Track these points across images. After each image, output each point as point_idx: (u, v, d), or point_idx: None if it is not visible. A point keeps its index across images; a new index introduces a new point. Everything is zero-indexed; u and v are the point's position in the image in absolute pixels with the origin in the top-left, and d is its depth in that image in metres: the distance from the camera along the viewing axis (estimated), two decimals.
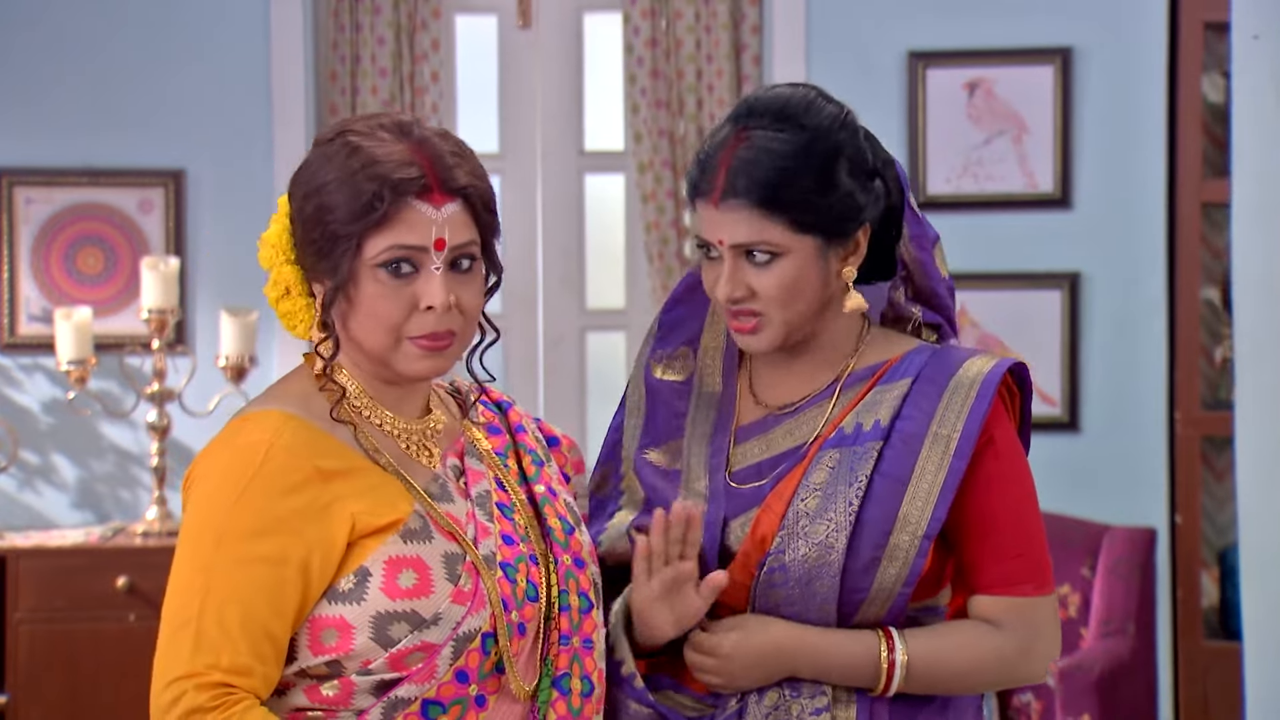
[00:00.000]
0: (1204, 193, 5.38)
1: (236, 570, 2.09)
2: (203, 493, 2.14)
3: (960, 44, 5.46)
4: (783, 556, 2.29)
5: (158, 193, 5.46)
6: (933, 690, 2.33)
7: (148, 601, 4.96)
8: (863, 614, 2.30)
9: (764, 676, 2.32)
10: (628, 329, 5.74)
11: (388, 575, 2.13)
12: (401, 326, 2.18)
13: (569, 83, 5.71)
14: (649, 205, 5.49)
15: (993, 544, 2.32)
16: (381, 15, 5.50)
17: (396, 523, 2.16)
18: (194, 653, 2.06)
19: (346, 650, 2.13)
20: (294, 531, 2.11)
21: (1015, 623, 2.32)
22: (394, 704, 2.13)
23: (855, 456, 2.29)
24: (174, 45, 5.47)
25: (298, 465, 2.13)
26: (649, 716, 2.37)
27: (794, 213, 2.27)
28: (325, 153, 2.19)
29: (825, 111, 2.31)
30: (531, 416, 2.44)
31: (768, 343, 2.34)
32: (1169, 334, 5.43)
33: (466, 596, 2.15)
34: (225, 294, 5.42)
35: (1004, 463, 2.32)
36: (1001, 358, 2.34)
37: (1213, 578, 5.52)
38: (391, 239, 2.16)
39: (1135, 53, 5.44)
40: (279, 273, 2.23)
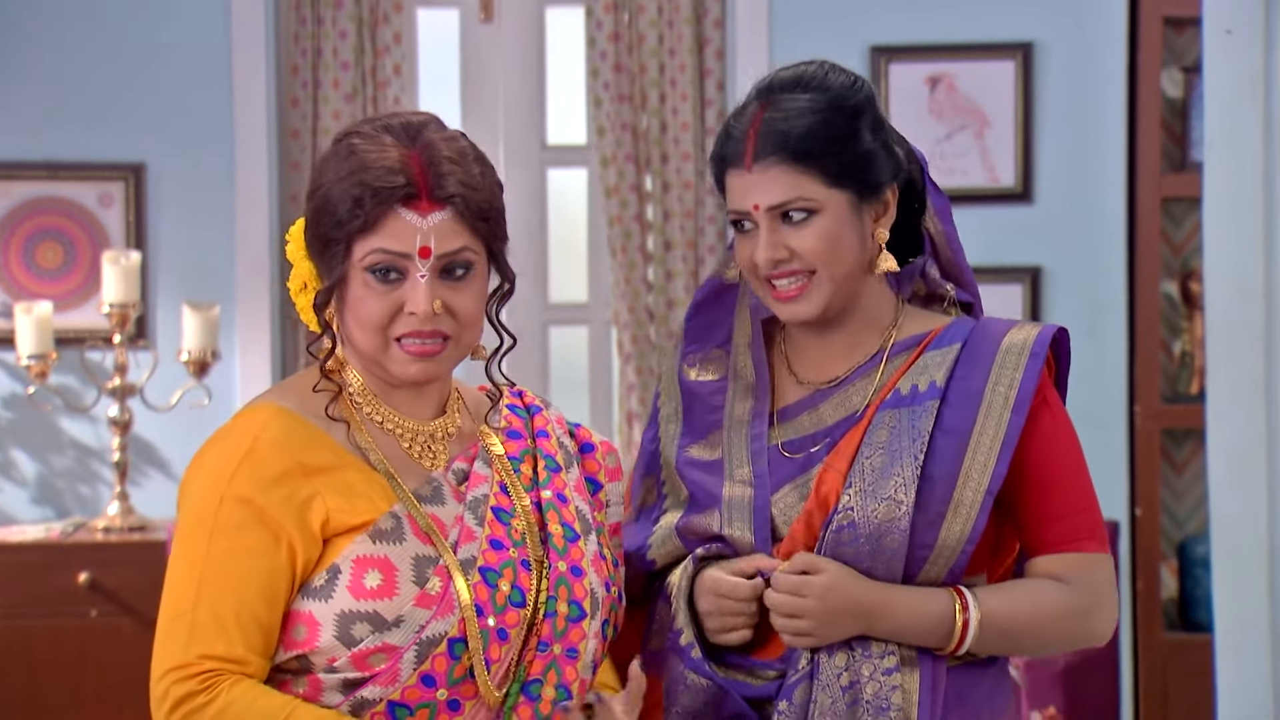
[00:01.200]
0: (1163, 187, 5.42)
1: (229, 562, 2.12)
2: (194, 486, 2.18)
3: (922, 39, 5.48)
4: (852, 513, 2.31)
5: (118, 186, 5.43)
6: (1003, 648, 2.37)
7: (110, 598, 4.94)
8: (925, 573, 2.32)
9: (846, 628, 2.33)
10: (590, 323, 5.74)
11: (355, 574, 2.15)
12: (388, 328, 2.20)
13: (531, 76, 5.70)
14: (612, 199, 5.49)
15: (1054, 501, 2.36)
16: (343, 9, 5.48)
17: (369, 522, 2.17)
18: (187, 644, 2.10)
19: (312, 646, 2.15)
20: (278, 523, 2.14)
21: (1081, 578, 2.36)
22: (360, 704, 2.14)
23: (915, 415, 2.33)
24: (134, 38, 5.43)
25: (280, 459, 2.15)
26: (707, 688, 2.38)
27: (826, 163, 2.34)
28: (332, 152, 2.23)
29: (841, 78, 2.40)
30: (566, 422, 2.44)
31: (814, 306, 2.38)
32: (1129, 328, 5.46)
33: (433, 600, 2.15)
34: (187, 288, 5.39)
35: (1057, 421, 2.38)
36: (1047, 324, 2.41)
37: (1172, 570, 5.55)
38: (375, 244, 2.18)
39: (1095, 48, 5.46)
40: (299, 267, 2.27)
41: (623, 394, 5.53)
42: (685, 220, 5.51)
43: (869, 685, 2.31)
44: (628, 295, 5.48)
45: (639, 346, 5.49)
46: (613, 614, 2.35)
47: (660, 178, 5.52)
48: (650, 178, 5.53)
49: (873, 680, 2.31)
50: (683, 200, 5.50)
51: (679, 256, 5.50)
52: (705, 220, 5.52)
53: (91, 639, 4.91)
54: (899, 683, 2.30)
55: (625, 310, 5.49)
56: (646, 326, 5.52)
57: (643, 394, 5.48)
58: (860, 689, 2.30)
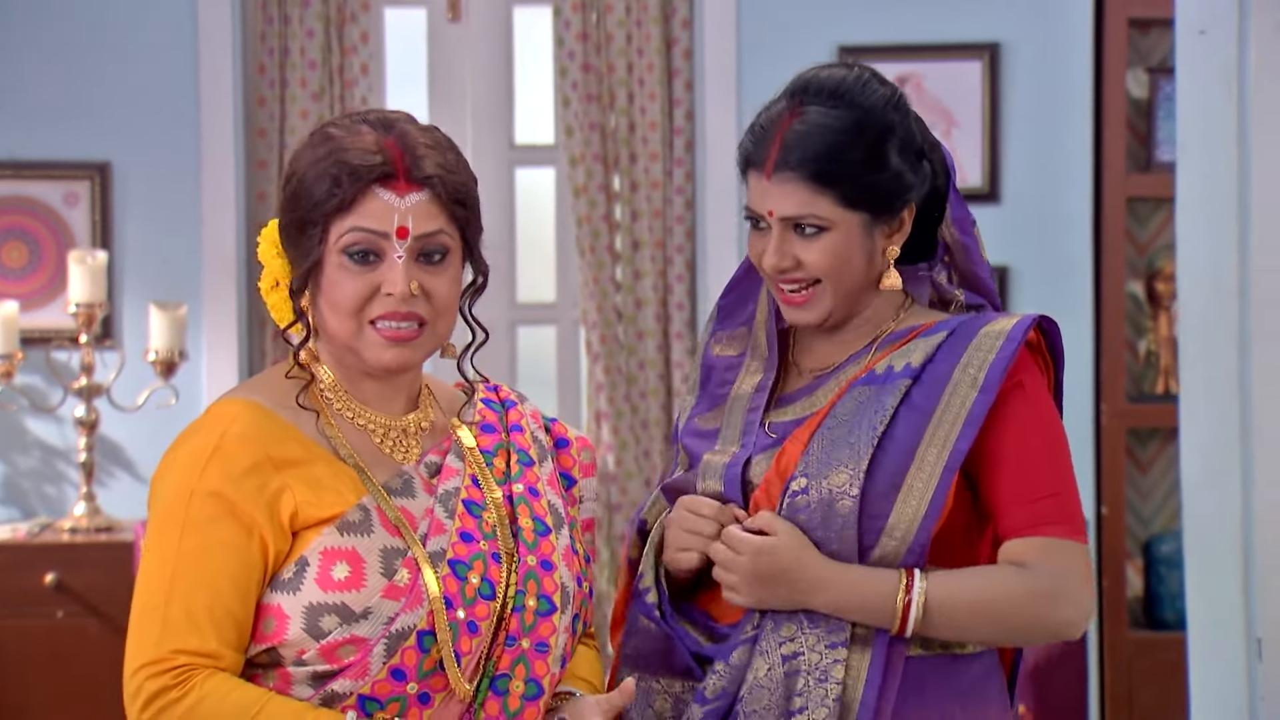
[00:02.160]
0: (1128, 187, 5.45)
1: (201, 556, 2.12)
2: (165, 482, 2.18)
3: (890, 39, 5.49)
4: (805, 480, 2.32)
5: (83, 186, 5.40)
6: (957, 634, 2.31)
7: (76, 598, 4.91)
8: (882, 547, 2.30)
9: (777, 596, 2.32)
10: (558, 323, 5.74)
11: (323, 566, 2.15)
12: (363, 310, 2.20)
13: (499, 76, 5.70)
14: (580, 199, 5.49)
15: (1020, 484, 2.32)
16: (310, 8, 5.47)
17: (337, 515, 2.17)
18: (160, 640, 2.10)
19: (281, 639, 2.15)
20: (249, 516, 2.14)
21: (1043, 563, 2.29)
22: (330, 697, 2.15)
23: (883, 392, 2.33)
24: (100, 37, 5.40)
25: (249, 451, 2.16)
26: (657, 634, 2.39)
27: (844, 188, 2.34)
28: (308, 143, 2.24)
29: (878, 92, 2.38)
30: (541, 416, 2.44)
31: (817, 314, 2.40)
32: (1095, 328, 5.49)
33: (401, 592, 2.15)
34: (153, 288, 5.37)
35: (1032, 406, 2.34)
36: (1031, 313, 2.40)
37: (1137, 569, 5.58)
38: (352, 223, 2.19)
39: (1061, 49, 5.49)
40: (271, 265, 2.28)
41: (591, 393, 5.53)
42: (653, 220, 5.51)
43: (811, 656, 2.29)
44: (596, 295, 5.48)
45: (607, 346, 5.49)
46: (584, 609, 2.35)
47: (628, 177, 5.52)
48: (618, 177, 5.53)
49: (815, 652, 2.30)
50: (651, 200, 5.51)
51: (647, 256, 5.50)
52: (674, 220, 5.52)
53: (58, 640, 4.89)
54: (843, 657, 2.28)
55: (593, 310, 5.48)
56: (615, 326, 5.52)
57: (611, 393, 5.48)
58: (802, 659, 2.29)
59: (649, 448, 5.51)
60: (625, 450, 5.49)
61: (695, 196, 5.54)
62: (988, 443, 2.33)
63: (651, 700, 2.42)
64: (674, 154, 5.52)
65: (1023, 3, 5.49)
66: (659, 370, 5.52)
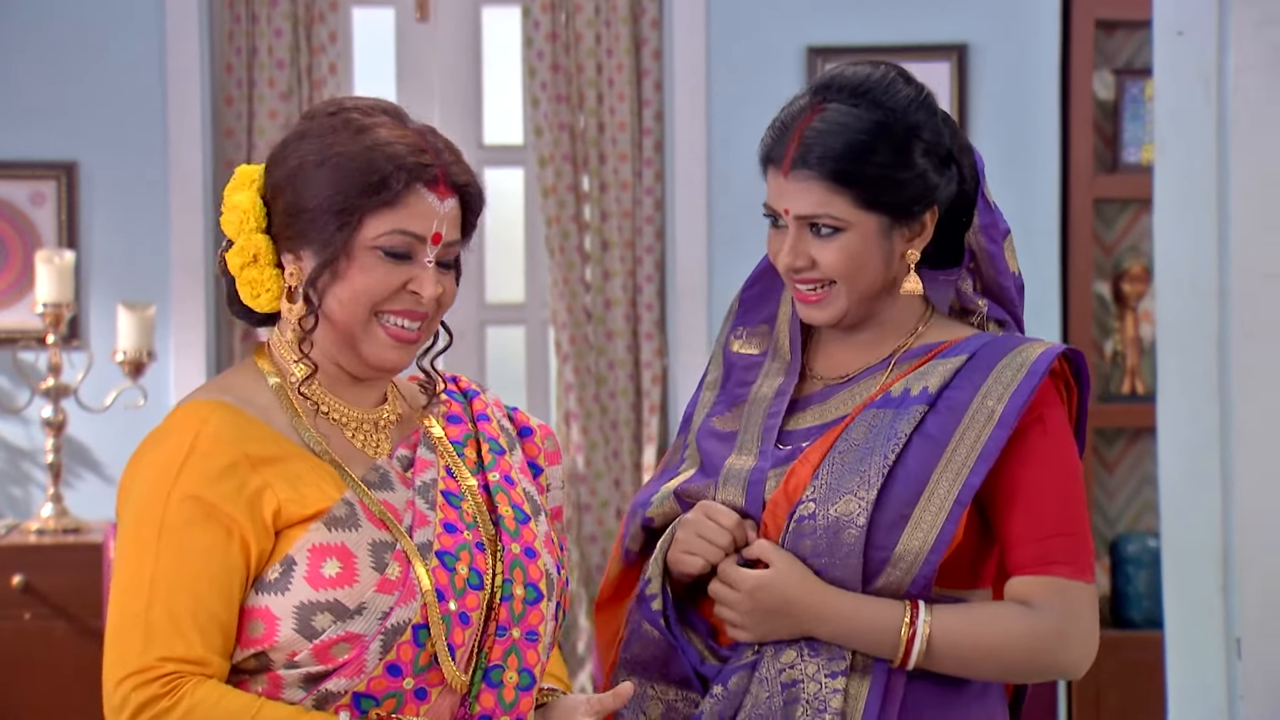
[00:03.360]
0: (1095, 188, 5.47)
1: (181, 561, 2.07)
2: (137, 487, 2.12)
3: (858, 40, 5.50)
4: (812, 505, 2.28)
5: (50, 185, 5.37)
6: (960, 670, 2.28)
7: (44, 600, 4.88)
8: (887, 576, 2.26)
9: (779, 628, 2.29)
10: (527, 323, 5.73)
11: (311, 564, 2.11)
12: (383, 303, 2.16)
13: (468, 76, 5.69)
14: (549, 199, 5.48)
15: (1031, 521, 2.27)
16: (278, 7, 5.45)
17: (322, 511, 2.13)
18: (144, 648, 2.05)
19: (272, 642, 2.10)
20: (229, 517, 2.09)
21: (1049, 603, 2.26)
22: (324, 697, 2.10)
23: (897, 417, 2.29)
24: (67, 36, 5.37)
25: (224, 451, 2.11)
26: (658, 641, 2.37)
27: (861, 189, 2.29)
28: (328, 125, 2.18)
29: (903, 92, 2.33)
30: (503, 406, 2.41)
31: (831, 315, 2.35)
32: (1061, 328, 5.51)
33: (394, 585, 2.12)
34: (120, 288, 5.34)
35: (1050, 441, 2.30)
36: (1058, 343, 2.34)
37: (1104, 568, 5.61)
38: (395, 223, 2.15)
39: (1028, 50, 5.51)
40: (248, 240, 2.19)
41: (560, 394, 5.52)
42: (623, 220, 5.51)
43: (810, 685, 2.27)
44: (565, 295, 5.48)
45: (577, 346, 5.48)
46: (563, 597, 2.33)
47: (598, 178, 5.52)
48: (588, 178, 5.53)
49: (814, 681, 2.27)
50: (620, 200, 5.50)
51: (616, 256, 5.50)
52: (643, 220, 5.52)
53: (25, 642, 4.85)
54: (842, 687, 2.26)
55: (563, 310, 5.48)
56: (584, 326, 5.51)
57: (580, 394, 5.47)
58: (802, 688, 2.27)
59: (618, 448, 5.51)
60: (595, 451, 5.49)
61: (664, 197, 5.54)
62: (1002, 476, 2.29)
63: (645, 705, 2.39)
64: (643, 154, 5.52)
65: (990, 4, 5.51)
66: (628, 370, 5.52)
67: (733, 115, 5.49)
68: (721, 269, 5.46)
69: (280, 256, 2.20)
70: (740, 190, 5.38)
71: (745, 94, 5.47)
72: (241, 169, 2.23)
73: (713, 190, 5.46)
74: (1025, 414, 2.28)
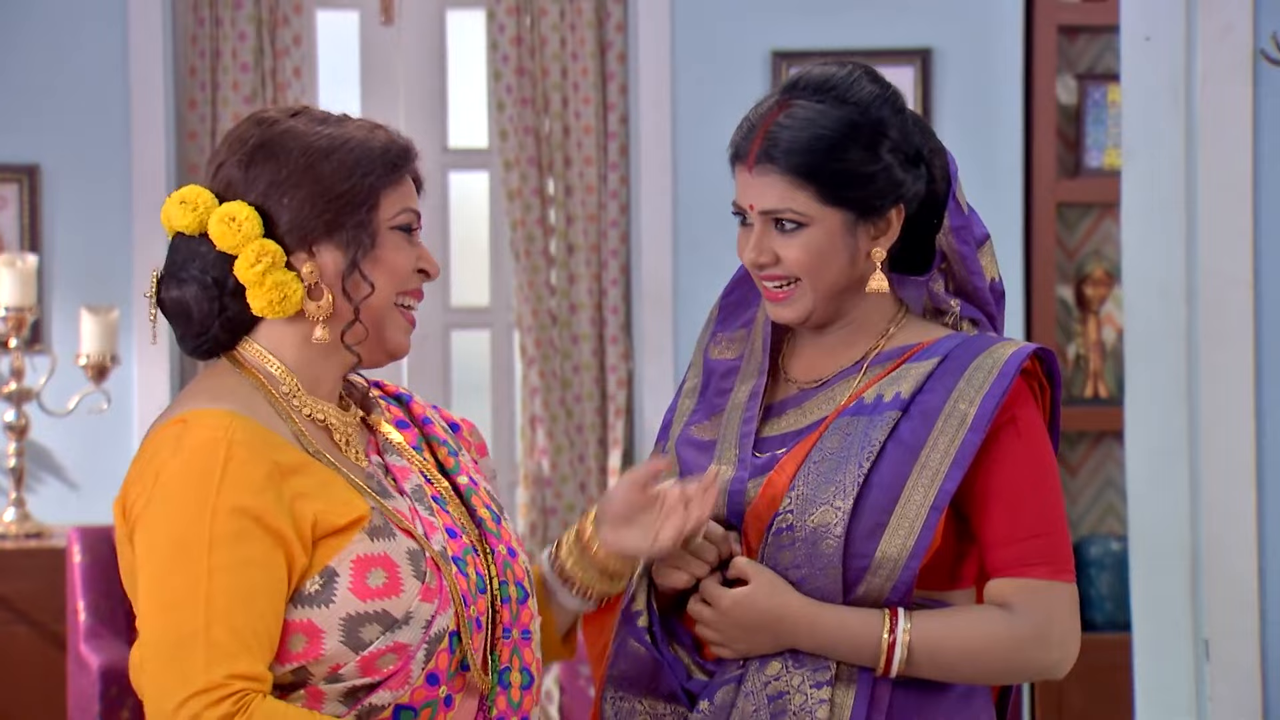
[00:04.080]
0: (1058, 193, 5.50)
1: (237, 575, 2.01)
2: (170, 501, 2.05)
3: (822, 44, 5.51)
4: (790, 517, 2.27)
5: (11, 189, 5.35)
6: (941, 675, 2.27)
7: (5, 605, 4.86)
8: (867, 584, 2.26)
9: (761, 643, 2.29)
10: (492, 326, 5.73)
11: (356, 575, 2.06)
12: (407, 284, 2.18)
13: (432, 79, 5.69)
14: (515, 203, 5.48)
15: (1008, 523, 2.27)
16: (242, 10, 5.43)
17: (359, 521, 2.09)
18: (209, 665, 1.98)
19: (316, 655, 2.05)
20: (274, 528, 2.04)
21: (1028, 605, 2.25)
22: (367, 711, 2.07)
23: (871, 424, 2.28)
24: (29, 38, 5.35)
25: (259, 461, 2.05)
26: (645, 658, 2.35)
27: (823, 183, 2.29)
28: (308, 120, 2.16)
29: (867, 89, 2.32)
30: (430, 405, 2.38)
31: (797, 313, 2.34)
32: (1025, 332, 5.53)
33: (433, 593, 2.09)
34: (83, 292, 5.32)
35: (1024, 443, 2.28)
36: (1029, 343, 2.33)
37: None
38: (401, 201, 2.16)
39: (992, 55, 5.53)
40: (261, 245, 2.13)
41: (525, 397, 5.52)
42: (588, 224, 5.51)
43: (796, 696, 2.26)
44: (531, 299, 5.48)
45: (542, 350, 5.48)
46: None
47: (563, 181, 5.52)
48: (553, 181, 5.53)
49: (800, 692, 2.26)
50: (585, 204, 5.51)
51: (582, 260, 5.50)
52: (608, 224, 5.52)
53: None
54: (827, 696, 2.25)
55: (528, 314, 5.48)
56: (549, 330, 5.51)
57: (545, 397, 5.47)
58: (788, 700, 2.27)
59: (584, 452, 5.51)
60: (560, 454, 5.49)
61: (630, 200, 5.55)
62: (977, 479, 2.28)
63: None
64: (608, 158, 5.53)
65: (954, 9, 5.53)
66: (594, 374, 5.52)
67: (698, 119, 5.49)
68: (687, 273, 5.47)
69: (290, 259, 2.14)
70: (706, 194, 5.39)
71: (710, 98, 5.48)
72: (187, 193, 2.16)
73: (678, 194, 5.47)
74: (998, 416, 2.27)
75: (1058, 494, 2.32)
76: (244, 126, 2.19)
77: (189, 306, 2.17)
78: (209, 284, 2.15)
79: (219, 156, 2.18)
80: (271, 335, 2.18)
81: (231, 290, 2.15)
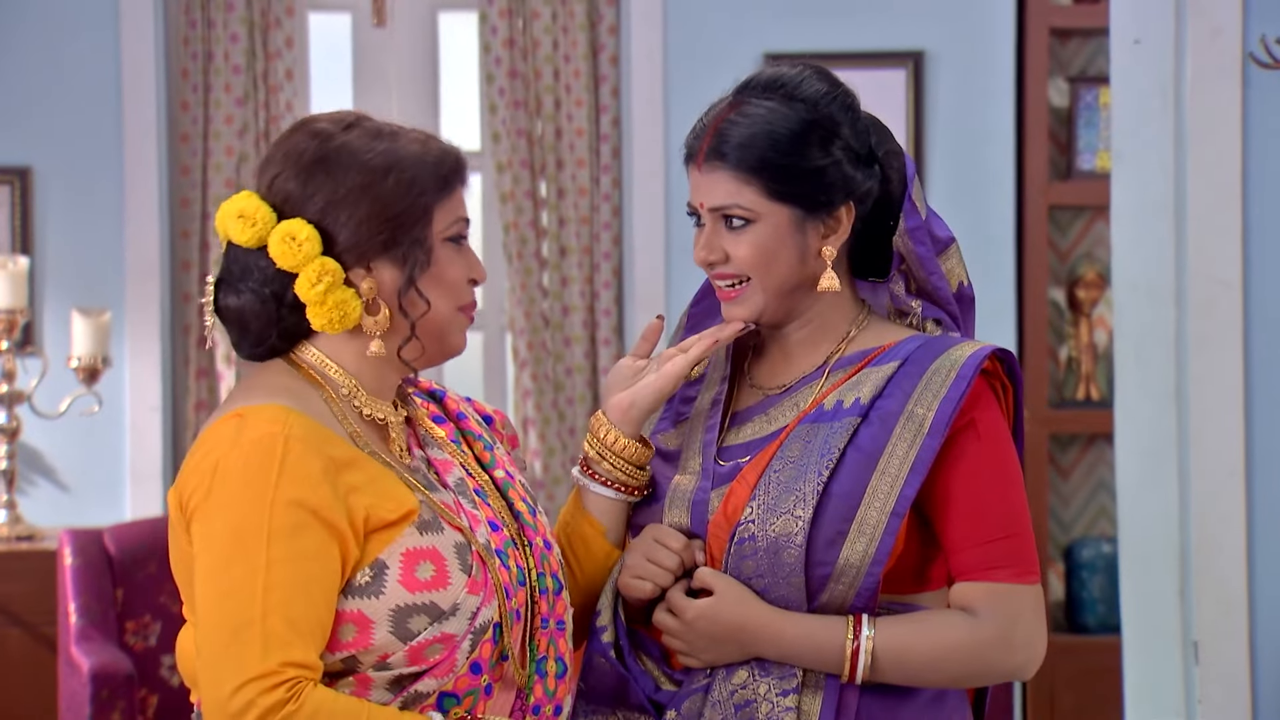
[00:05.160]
0: (1050, 195, 5.50)
1: (295, 567, 2.08)
2: (226, 493, 2.11)
3: (814, 46, 5.51)
4: (752, 526, 2.27)
5: (3, 191, 5.35)
6: (907, 680, 2.28)
7: None
8: (830, 591, 2.26)
9: (727, 653, 2.30)
10: (485, 329, 5.73)
11: (405, 567, 2.13)
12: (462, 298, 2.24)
13: (425, 82, 5.69)
14: (507, 205, 5.48)
15: (969, 527, 2.27)
16: (234, 12, 5.43)
17: (409, 515, 2.15)
18: (264, 653, 2.05)
19: (365, 645, 2.12)
20: (330, 521, 2.10)
21: (992, 609, 2.25)
22: (413, 698, 2.14)
23: (831, 431, 2.28)
24: (20, 39, 5.35)
25: (315, 455, 2.12)
26: (611, 673, 2.36)
27: (769, 178, 2.30)
28: (364, 135, 2.20)
29: (816, 87, 2.34)
30: (464, 398, 2.43)
31: (748, 312, 2.35)
32: (1017, 334, 5.53)
33: (479, 586, 2.16)
34: (76, 294, 5.32)
35: (984, 445, 2.29)
36: (988, 344, 2.33)
37: (1058, 574, 5.64)
38: (453, 211, 2.22)
39: (984, 57, 5.53)
40: (321, 264, 2.18)
41: (518, 400, 5.53)
42: (581, 226, 5.51)
43: (763, 704, 2.27)
44: (524, 301, 5.48)
45: (535, 352, 5.49)
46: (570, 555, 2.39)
47: (556, 184, 5.52)
48: (545, 184, 5.53)
49: (767, 700, 2.27)
50: (578, 206, 5.51)
51: (575, 263, 5.51)
52: (601, 226, 5.52)
53: None
54: (794, 704, 2.26)
55: (521, 316, 5.48)
56: (542, 332, 5.52)
57: (538, 400, 5.47)
58: (755, 708, 2.27)
59: (576, 454, 5.50)
60: (553, 457, 5.49)
61: (622, 203, 5.55)
62: (938, 483, 2.28)
63: None
64: (601, 160, 5.53)
65: (946, 12, 5.53)
66: (586, 376, 5.53)
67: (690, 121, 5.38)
68: (679, 275, 5.47)
69: (349, 275, 2.20)
70: None
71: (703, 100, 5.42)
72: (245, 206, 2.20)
73: (670, 196, 5.47)
74: (956, 419, 2.27)
75: (1020, 496, 2.31)
76: (298, 138, 2.23)
77: (246, 317, 2.24)
78: (267, 297, 2.22)
79: (273, 167, 2.23)
80: (332, 343, 2.24)
81: (290, 304, 2.21)
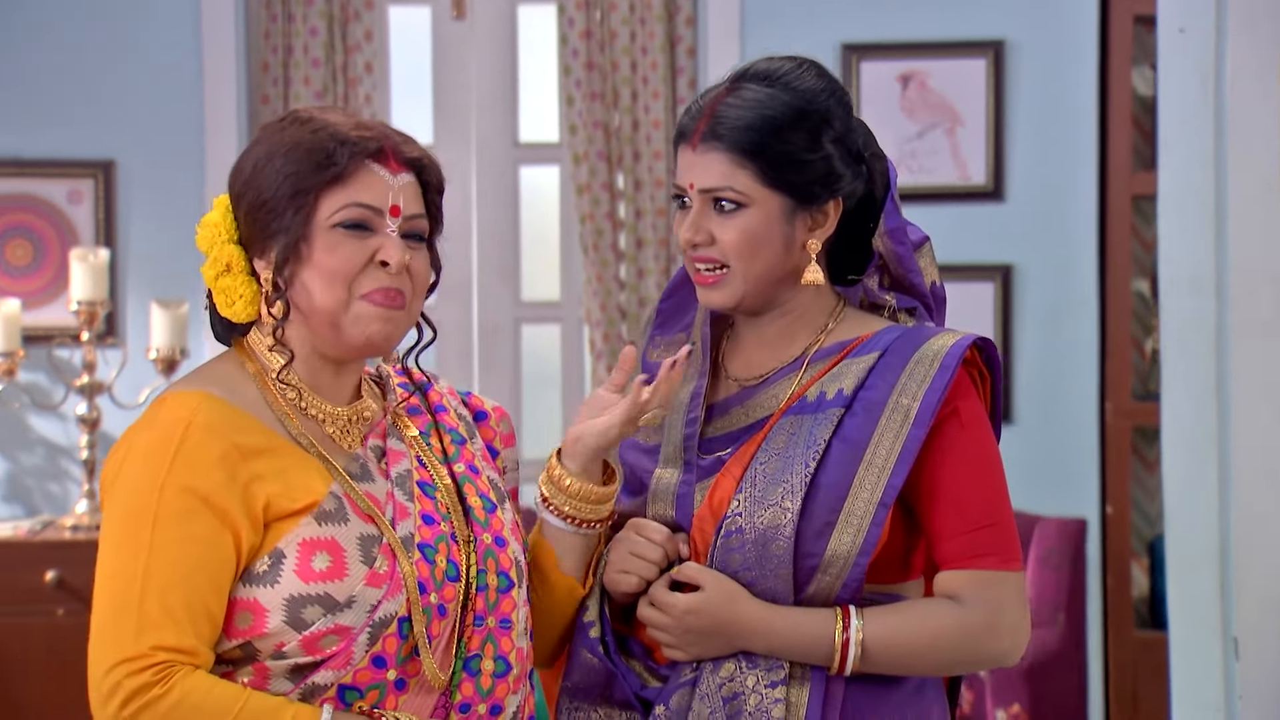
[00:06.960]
0: (1134, 185, 5.43)
1: (176, 552, 2.09)
2: (126, 477, 2.14)
3: (894, 36, 5.48)
4: (739, 519, 2.28)
5: (87, 184, 5.42)
6: (895, 670, 2.30)
7: (77, 596, 4.92)
8: (817, 582, 2.27)
9: (715, 647, 2.30)
10: (562, 321, 5.74)
11: (301, 558, 2.13)
12: (355, 281, 2.19)
13: (503, 74, 5.70)
14: (584, 197, 5.49)
15: (954, 516, 2.29)
16: (314, 6, 5.48)
17: (311, 505, 2.16)
18: (137, 636, 2.06)
19: (260, 633, 2.13)
20: (222, 508, 2.12)
21: (977, 597, 2.28)
22: (311, 690, 2.13)
23: (816, 423, 2.28)
24: (105, 35, 5.42)
25: (216, 442, 2.13)
26: (599, 669, 2.36)
27: (766, 164, 2.30)
28: (276, 127, 2.22)
29: (814, 81, 2.35)
30: (458, 392, 2.43)
31: (727, 298, 2.34)
32: (1100, 326, 5.47)
33: (382, 579, 2.15)
34: (156, 286, 5.39)
35: (968, 434, 2.30)
36: (969, 333, 2.33)
37: (1143, 568, 5.56)
38: (348, 197, 2.18)
39: (1067, 46, 5.47)
40: (220, 250, 2.22)
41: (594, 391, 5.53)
42: (657, 218, 5.51)
43: (751, 697, 2.27)
44: (600, 293, 5.48)
45: (611, 344, 5.49)
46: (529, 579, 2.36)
47: (632, 175, 5.52)
48: (622, 175, 5.53)
49: (755, 692, 2.27)
50: (654, 198, 5.51)
51: (651, 254, 5.50)
52: None
53: (58, 637, 4.90)
54: (782, 696, 2.26)
55: (597, 308, 5.48)
56: (618, 324, 5.52)
57: None
58: (744, 700, 2.28)
59: None
60: None
61: None
62: (923, 473, 2.29)
63: None
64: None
65: (1028, 0, 5.47)
66: None
67: None
68: None
69: (252, 263, 2.23)
70: None
71: None
72: (221, 198, 2.26)
73: None
74: (941, 409, 2.28)
75: (1002, 483, 2.33)
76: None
77: (209, 303, 2.30)
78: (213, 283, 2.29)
79: None
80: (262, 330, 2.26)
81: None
